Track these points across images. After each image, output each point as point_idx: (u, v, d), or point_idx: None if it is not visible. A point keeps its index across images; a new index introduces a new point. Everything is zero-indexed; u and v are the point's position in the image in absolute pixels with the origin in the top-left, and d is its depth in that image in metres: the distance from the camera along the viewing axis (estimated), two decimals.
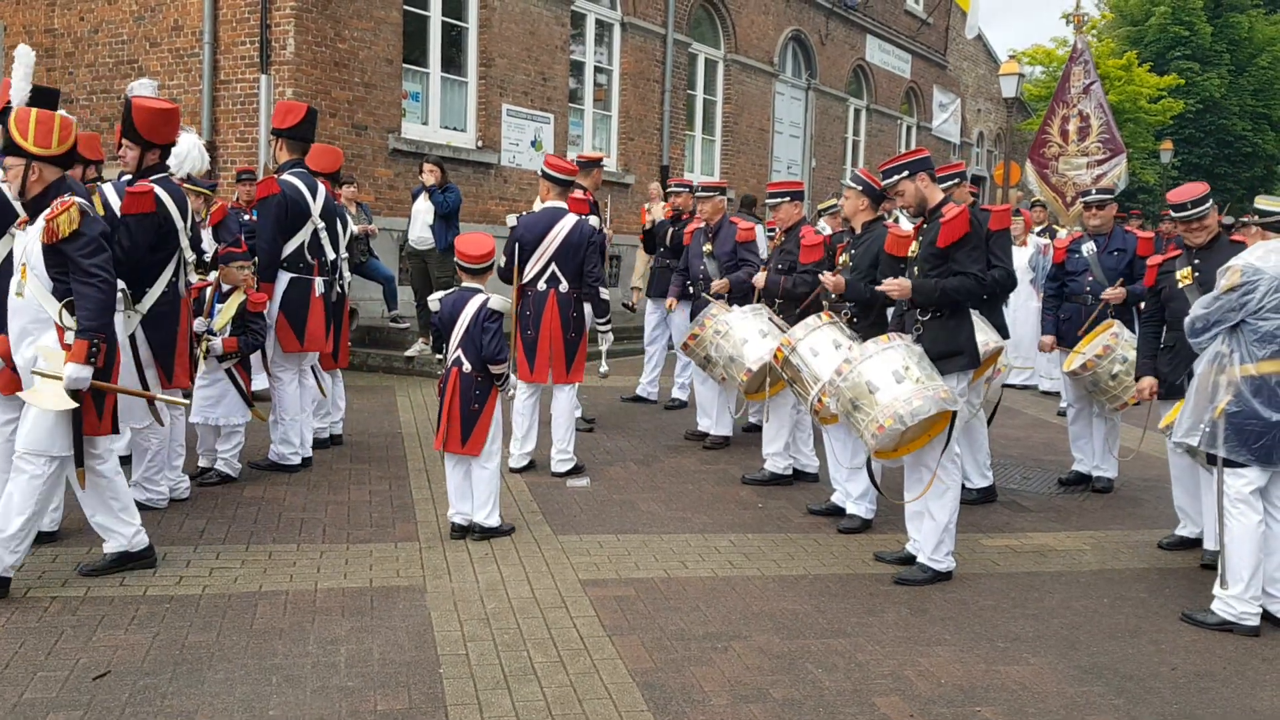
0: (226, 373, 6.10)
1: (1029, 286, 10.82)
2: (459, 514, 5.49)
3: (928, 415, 4.91)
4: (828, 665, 4.13)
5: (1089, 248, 7.30)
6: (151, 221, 5.31)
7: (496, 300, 5.46)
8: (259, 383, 6.69)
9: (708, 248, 7.91)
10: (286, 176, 6.54)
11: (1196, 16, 34.63)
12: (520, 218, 6.97)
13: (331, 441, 7.27)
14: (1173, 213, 5.51)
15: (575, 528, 5.75)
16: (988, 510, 6.56)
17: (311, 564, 4.99)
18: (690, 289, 8.12)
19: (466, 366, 5.43)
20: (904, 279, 5.18)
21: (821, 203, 9.88)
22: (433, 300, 5.65)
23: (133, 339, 5.41)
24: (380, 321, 11.37)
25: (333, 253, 6.78)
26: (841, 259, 6.06)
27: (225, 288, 6.21)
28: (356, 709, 3.59)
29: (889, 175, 5.28)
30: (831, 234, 6.77)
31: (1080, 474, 7.33)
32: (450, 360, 5.49)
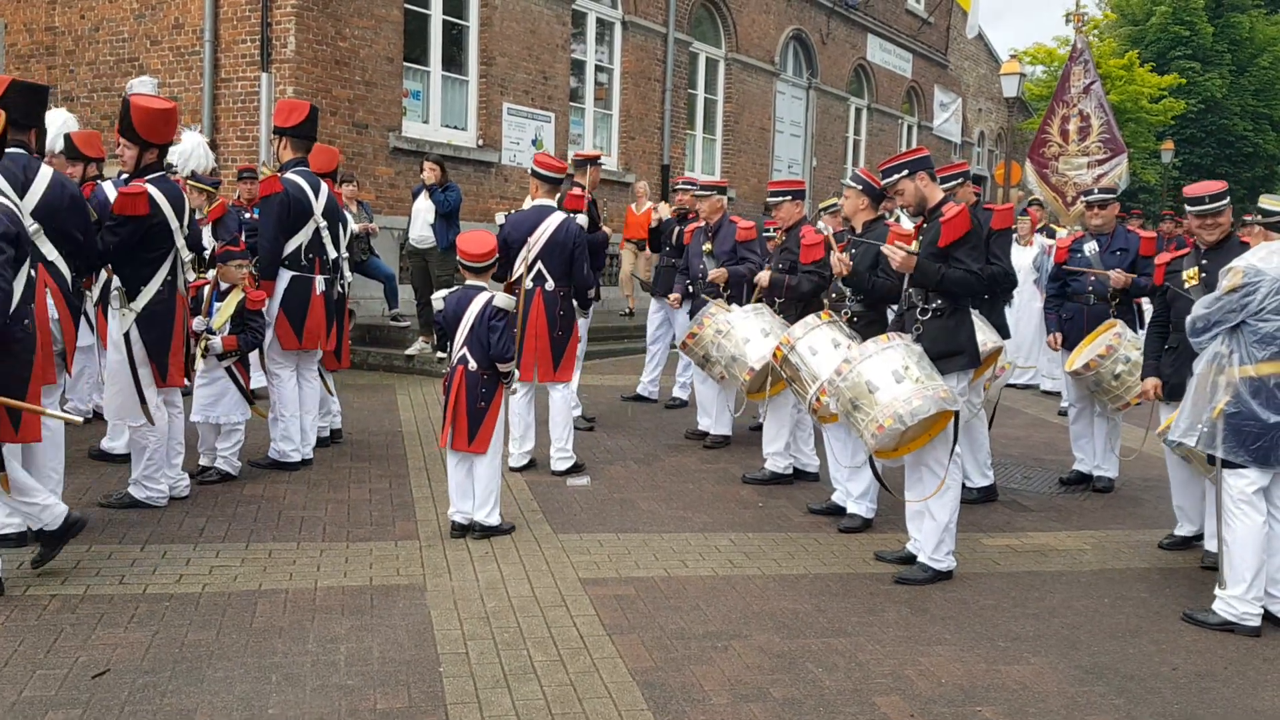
0: (226, 371, 6.09)
1: (1033, 286, 10.79)
2: (459, 513, 5.48)
3: (927, 415, 4.91)
4: (828, 664, 4.13)
5: (1091, 247, 7.29)
6: (140, 223, 5.31)
7: (502, 298, 5.45)
8: (258, 380, 6.69)
9: (707, 247, 7.90)
10: (289, 175, 6.54)
11: (1198, 16, 34.61)
12: (508, 216, 6.97)
13: (331, 440, 7.27)
14: (1189, 207, 5.41)
15: (575, 526, 5.75)
16: (988, 510, 6.56)
17: (311, 562, 4.99)
18: (690, 288, 8.12)
19: (472, 364, 5.42)
20: (909, 256, 5.15)
21: (822, 201, 9.88)
22: (436, 299, 5.65)
23: (127, 337, 5.41)
24: (381, 320, 11.37)
25: (334, 251, 6.78)
26: (842, 258, 6.04)
27: (223, 286, 6.21)
28: (356, 707, 3.59)
29: (889, 174, 5.27)
30: (832, 233, 6.75)
31: (1081, 474, 7.32)
32: (455, 358, 5.48)
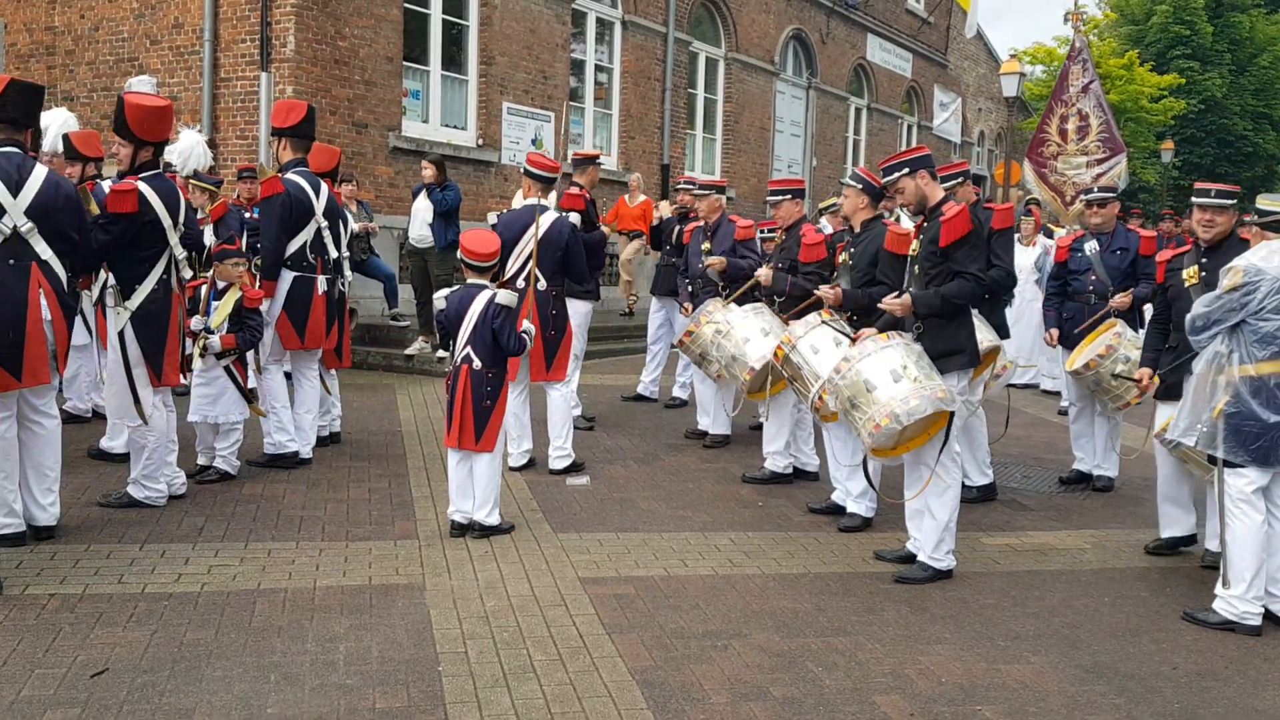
0: (225, 370, 6.08)
1: (1035, 286, 10.77)
2: (459, 512, 5.47)
3: (924, 415, 4.91)
4: (828, 664, 4.12)
5: (1091, 247, 7.28)
6: (131, 221, 5.30)
7: (504, 295, 5.45)
8: (254, 379, 6.69)
9: (706, 246, 7.89)
10: (290, 175, 6.54)
11: (1197, 16, 34.60)
12: (500, 215, 6.97)
13: (330, 439, 7.26)
14: (1195, 198, 5.37)
15: (575, 526, 5.74)
16: (988, 509, 6.55)
17: (310, 562, 4.98)
18: (690, 288, 8.11)
19: (477, 363, 5.41)
20: (905, 296, 5.13)
21: (822, 201, 9.87)
22: (438, 298, 5.64)
23: (121, 336, 5.40)
24: (380, 320, 11.36)
25: (335, 251, 6.78)
26: (841, 258, 6.05)
27: (220, 285, 6.20)
28: (355, 707, 3.58)
29: (889, 173, 5.26)
30: (832, 233, 6.75)
31: (1081, 473, 7.31)
32: (459, 358, 5.47)
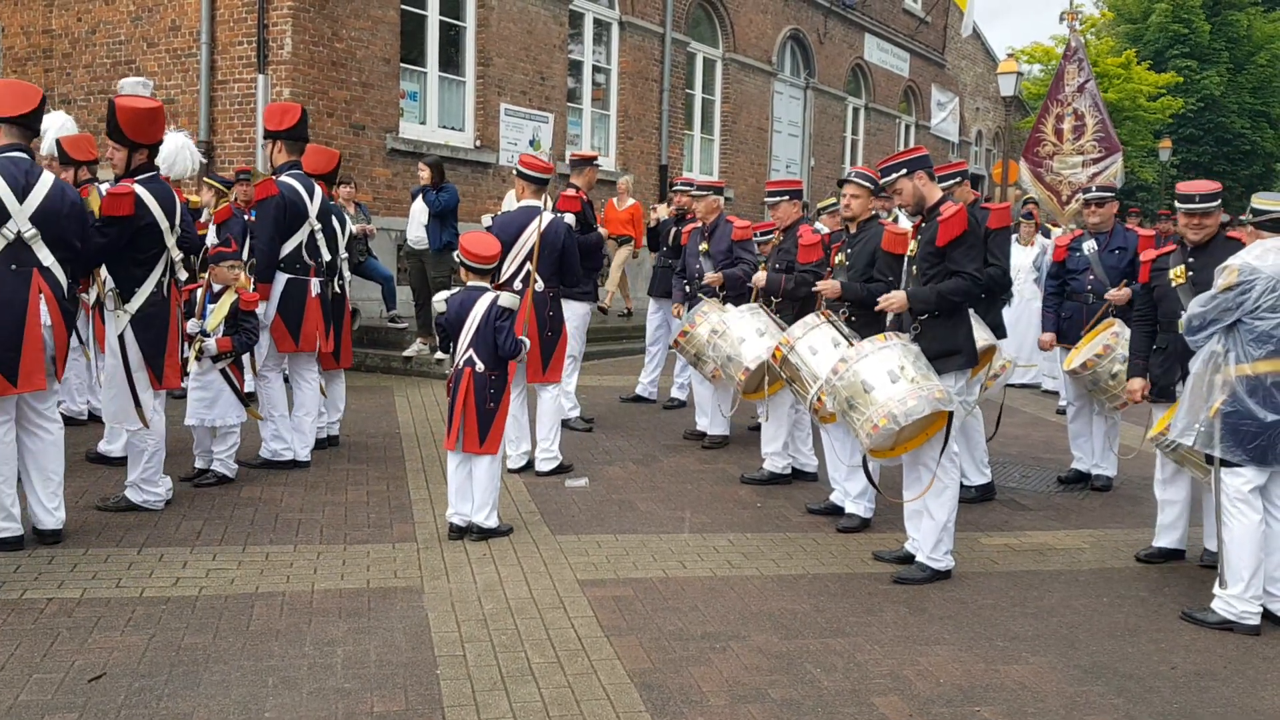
0: (221, 373, 6.08)
1: (1034, 286, 10.77)
2: (458, 514, 5.47)
3: (922, 415, 4.91)
4: (826, 665, 4.12)
5: (1090, 246, 7.28)
6: (128, 224, 5.30)
7: (506, 298, 5.46)
8: (252, 383, 6.68)
9: (704, 246, 7.89)
10: (284, 178, 6.54)
11: (1195, 14, 34.64)
12: (495, 218, 6.97)
13: (328, 442, 7.25)
14: (1180, 204, 5.30)
15: (573, 528, 5.74)
16: (987, 509, 6.55)
17: (308, 565, 4.98)
18: (688, 289, 8.11)
19: (479, 366, 5.41)
20: (900, 293, 5.16)
21: (821, 201, 9.86)
22: (438, 301, 5.64)
23: (121, 339, 5.40)
24: (379, 322, 11.36)
25: (328, 254, 6.79)
26: (838, 258, 6.05)
27: (216, 288, 6.20)
28: (353, 710, 3.58)
29: (887, 173, 5.27)
30: (829, 233, 6.75)
31: (1079, 472, 7.31)
32: (461, 360, 5.47)
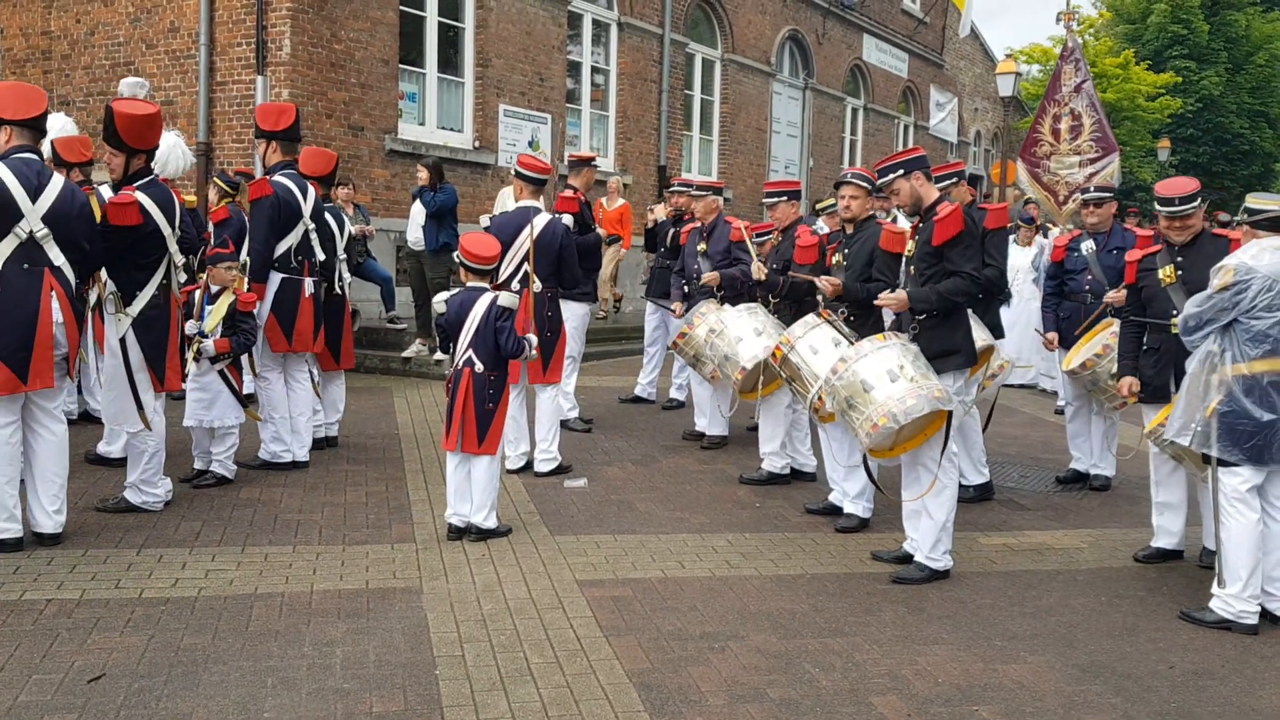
0: (219, 374, 6.08)
1: (1032, 286, 10.78)
2: (457, 515, 5.47)
3: (922, 414, 4.91)
4: (825, 665, 4.12)
5: (1088, 246, 7.29)
6: (131, 232, 5.31)
7: (506, 298, 5.46)
8: (250, 384, 6.68)
9: (702, 247, 7.90)
10: (278, 178, 6.55)
11: (1194, 15, 34.62)
12: (493, 218, 6.97)
13: (327, 443, 7.25)
14: (1160, 207, 5.29)
15: (572, 528, 5.74)
16: (985, 508, 6.55)
17: (307, 566, 4.98)
18: (686, 289, 8.11)
19: (479, 366, 5.42)
20: (900, 292, 5.16)
21: (820, 202, 9.86)
22: (437, 302, 5.65)
23: (123, 342, 5.41)
24: (378, 323, 11.36)
25: (322, 254, 6.80)
26: (835, 259, 6.05)
27: (214, 289, 6.20)
28: (352, 711, 3.58)
29: (884, 174, 5.28)
30: (827, 233, 6.76)
31: (1078, 472, 7.32)
32: (460, 361, 5.47)
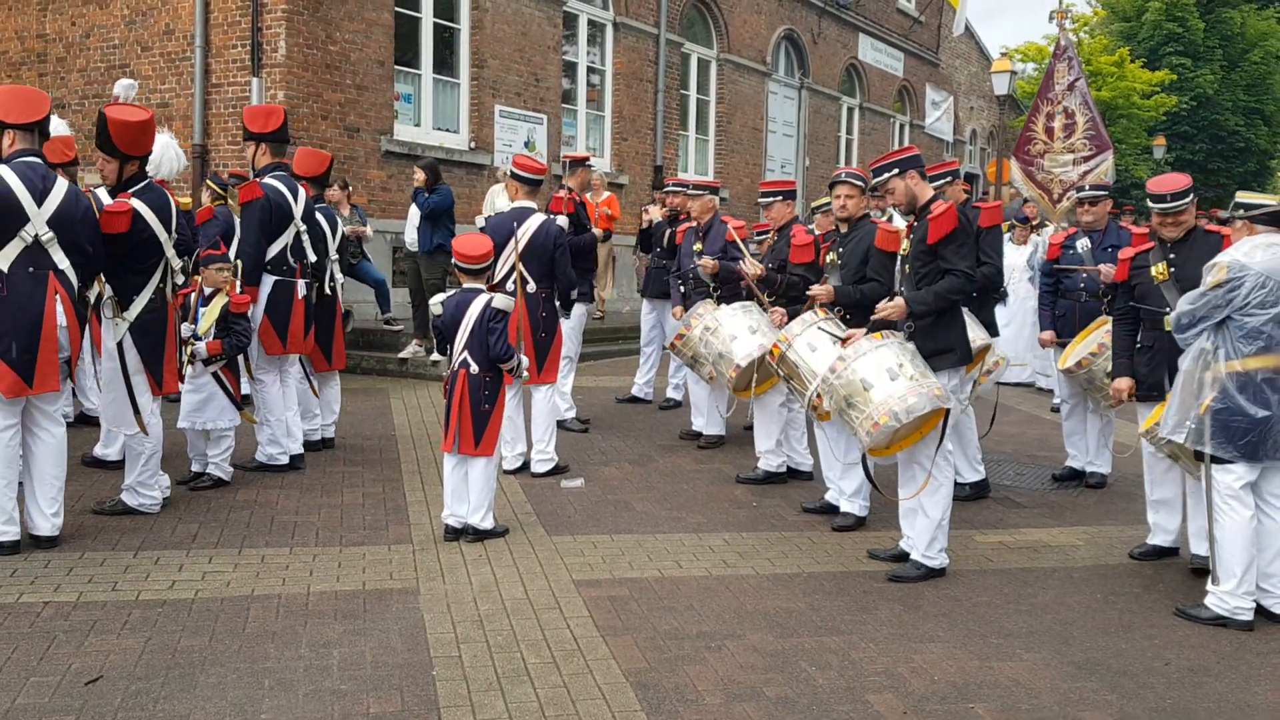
0: (213, 376, 6.08)
1: (1028, 285, 10.79)
2: (454, 516, 5.47)
3: (922, 413, 4.92)
4: (821, 663, 4.13)
5: (1083, 244, 7.30)
6: (125, 238, 5.31)
7: (501, 299, 5.46)
8: (246, 386, 6.68)
9: (698, 246, 7.90)
10: (269, 180, 6.55)
11: (1189, 12, 34.62)
12: (488, 219, 6.98)
13: (323, 445, 7.25)
14: (1152, 204, 5.27)
15: (569, 528, 5.75)
16: (981, 506, 6.56)
17: (304, 567, 4.99)
18: (683, 288, 8.12)
19: (474, 368, 5.42)
20: (898, 300, 5.13)
21: (815, 200, 9.87)
22: (434, 303, 5.65)
23: (120, 346, 5.41)
24: (374, 324, 11.36)
25: (314, 255, 6.81)
26: (829, 258, 6.06)
27: (207, 291, 6.21)
28: (349, 712, 3.59)
29: (879, 173, 5.28)
30: (822, 233, 6.77)
31: (1074, 470, 7.33)
32: (456, 362, 5.48)
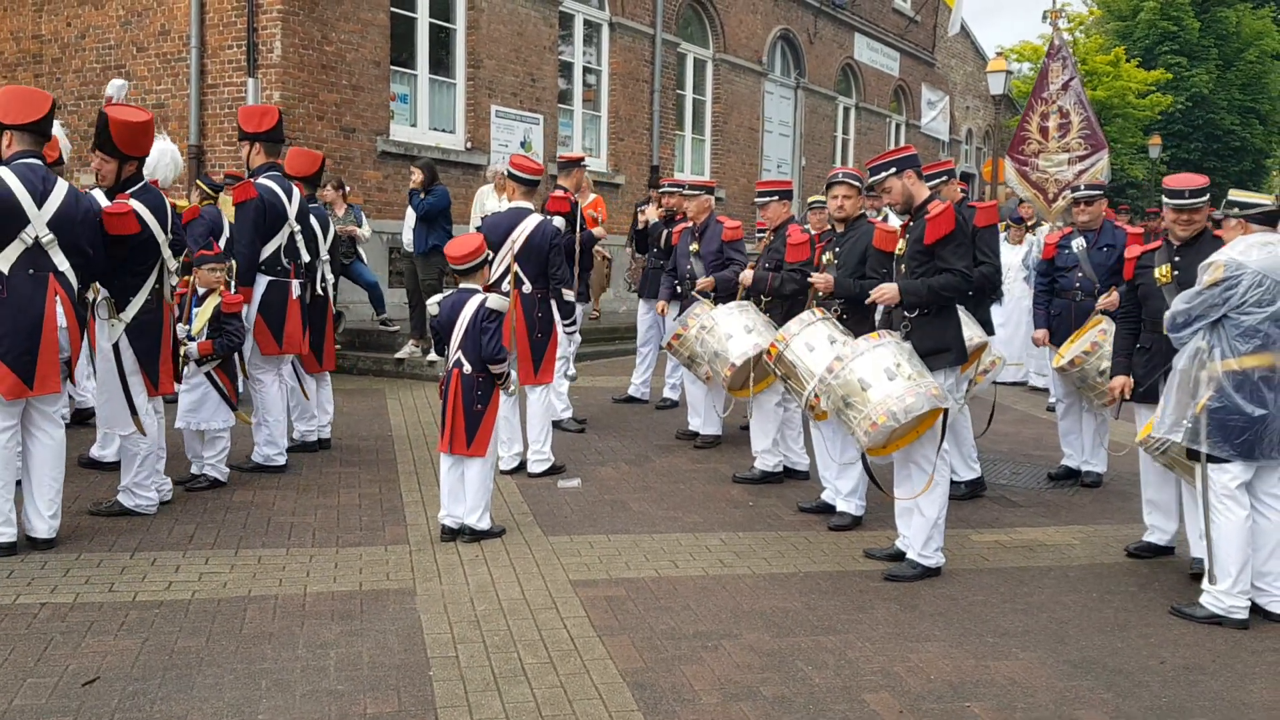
0: (206, 376, 6.08)
1: (1024, 284, 10.81)
2: (450, 516, 5.48)
3: (921, 412, 4.93)
4: (818, 662, 4.14)
5: (1079, 243, 7.31)
6: (127, 240, 5.31)
7: (495, 300, 5.47)
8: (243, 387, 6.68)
9: (694, 247, 7.91)
10: (263, 180, 6.55)
11: (1184, 12, 34.68)
12: (485, 219, 6.99)
13: (319, 445, 7.25)
14: (1168, 199, 5.18)
15: (566, 528, 5.75)
16: (977, 505, 6.57)
17: (301, 568, 4.99)
18: (679, 289, 8.12)
19: (467, 368, 5.43)
20: (891, 285, 5.17)
21: (810, 197, 9.88)
22: (431, 304, 5.66)
23: (116, 348, 5.41)
24: (370, 324, 11.36)
25: (308, 255, 6.80)
26: (825, 257, 6.07)
27: (201, 290, 6.20)
28: (346, 712, 3.59)
29: (876, 172, 5.29)
30: (817, 233, 6.78)
31: (1069, 469, 7.35)
32: (450, 362, 5.49)
